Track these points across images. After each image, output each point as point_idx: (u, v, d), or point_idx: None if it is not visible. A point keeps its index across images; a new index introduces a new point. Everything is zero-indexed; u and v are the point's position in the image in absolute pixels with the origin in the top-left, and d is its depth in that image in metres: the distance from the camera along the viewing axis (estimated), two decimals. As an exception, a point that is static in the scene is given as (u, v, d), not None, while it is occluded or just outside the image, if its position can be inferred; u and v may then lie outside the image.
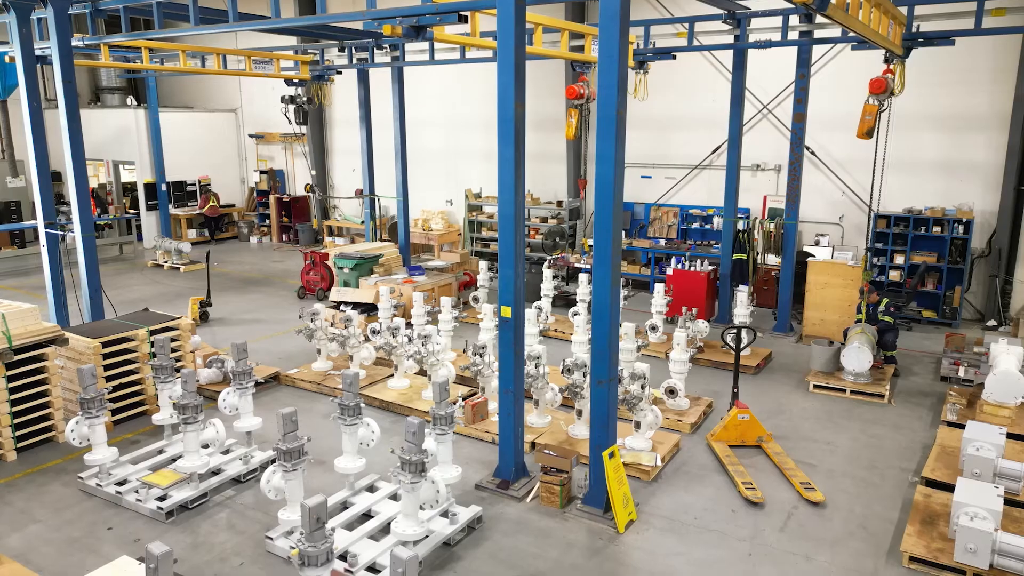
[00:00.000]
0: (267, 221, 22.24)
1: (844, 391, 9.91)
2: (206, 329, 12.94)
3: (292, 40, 16.45)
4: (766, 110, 14.72)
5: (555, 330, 12.55)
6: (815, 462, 8.00)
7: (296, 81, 15.75)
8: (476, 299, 12.79)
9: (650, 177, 16.38)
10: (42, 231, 10.92)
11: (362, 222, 18.88)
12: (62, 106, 10.01)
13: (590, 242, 14.65)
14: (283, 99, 15.86)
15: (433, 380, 7.07)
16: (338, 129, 21.31)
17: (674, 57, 12.77)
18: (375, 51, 15.13)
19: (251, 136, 22.85)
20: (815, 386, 10.10)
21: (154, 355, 8.18)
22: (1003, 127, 12.76)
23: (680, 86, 15.46)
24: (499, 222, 6.80)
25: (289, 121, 15.99)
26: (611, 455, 6.73)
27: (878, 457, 8.17)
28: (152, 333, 9.11)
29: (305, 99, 15.75)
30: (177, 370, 7.61)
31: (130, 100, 21.23)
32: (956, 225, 12.87)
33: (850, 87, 13.11)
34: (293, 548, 4.74)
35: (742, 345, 8.88)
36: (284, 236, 21.76)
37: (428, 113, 18.96)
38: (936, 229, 13.07)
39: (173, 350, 9.32)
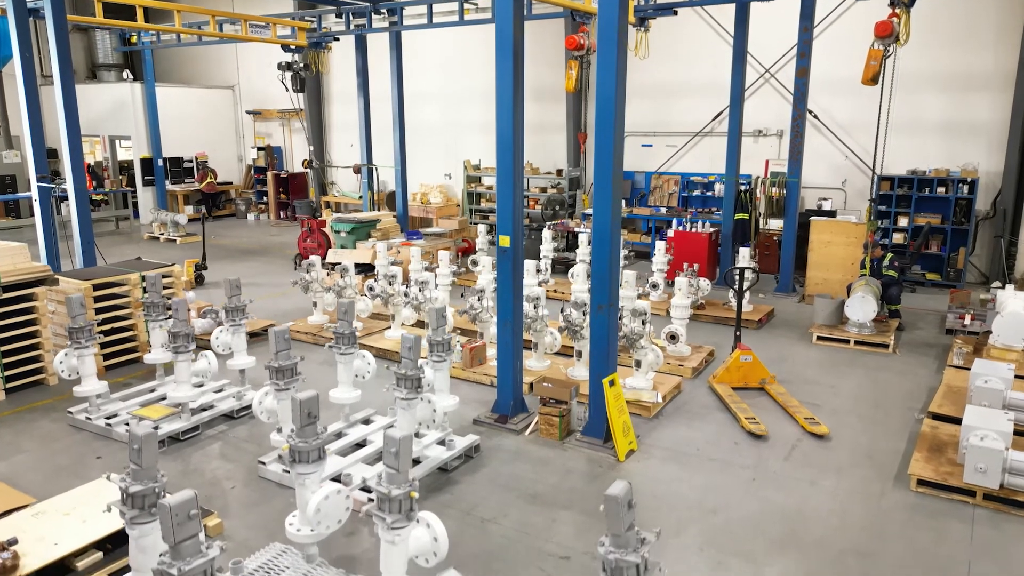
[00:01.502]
0: (264, 198, 22.08)
1: (848, 342, 9.76)
2: (201, 292, 12.78)
3: (289, 6, 16.32)
4: (768, 74, 14.57)
5: (555, 290, 12.39)
6: (819, 402, 7.84)
7: (293, 48, 15.60)
8: (475, 262, 12.63)
9: (651, 146, 16.23)
10: (34, 185, 10.80)
11: (360, 197, 18.72)
12: (53, 51, 9.86)
13: (589, 211, 14.52)
14: (280, 66, 15.70)
15: (429, 307, 6.90)
16: (336, 104, 21.15)
17: (675, 13, 12.61)
18: (373, 16, 14.99)
19: (248, 113, 22.69)
20: (819, 338, 9.95)
21: (144, 292, 8.02)
22: (1008, 86, 12.61)
23: (682, 52, 15.30)
24: (497, 144, 6.64)
25: (286, 88, 15.82)
26: (611, 383, 6.58)
27: (883, 398, 8.02)
28: (145, 291, 8.95)
29: (302, 66, 15.59)
30: (168, 307, 7.44)
31: (126, 74, 21.05)
32: (960, 185, 12.71)
33: (852, 50, 12.91)
34: (284, 445, 4.58)
35: (745, 286, 8.72)
36: (282, 213, 21.59)
37: (426, 86, 18.79)
38: (940, 190, 12.91)
39: (165, 287, 9.12)
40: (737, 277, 8.71)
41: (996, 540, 5.30)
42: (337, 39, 15.92)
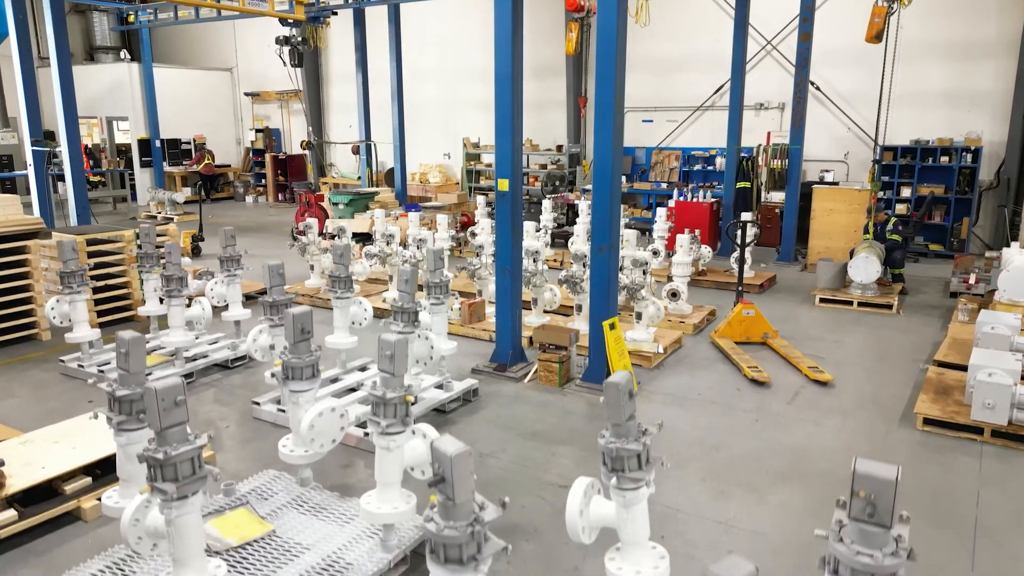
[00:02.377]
0: (263, 181, 21.96)
1: (851, 303, 9.65)
2: (198, 262, 12.66)
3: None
4: (770, 46, 14.45)
5: (554, 260, 12.28)
6: (823, 355, 7.73)
7: (291, 22, 15.46)
8: (474, 234, 12.50)
9: (651, 121, 16.11)
10: (28, 149, 10.70)
11: (359, 178, 18.63)
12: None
13: (589, 186, 14.39)
14: (278, 40, 15.58)
15: (428, 248, 6.79)
16: (334, 85, 21.03)
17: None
18: (371, -11, 14.88)
19: (247, 95, 22.57)
20: (821, 300, 9.84)
21: (139, 247, 7.90)
22: (1011, 54, 12.50)
23: (682, 25, 15.20)
24: (496, 82, 6.51)
25: (284, 63, 15.70)
26: (612, 327, 6.47)
27: (887, 352, 7.91)
28: (139, 244, 8.84)
29: (300, 40, 15.47)
30: (161, 258, 7.32)
31: (123, 54, 20.93)
32: (964, 154, 12.60)
33: (854, 20, 12.78)
34: (277, 360, 4.47)
35: (747, 240, 8.62)
36: (280, 195, 21.47)
37: (425, 64, 18.68)
38: (944, 159, 12.80)
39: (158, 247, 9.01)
40: (739, 231, 8.59)
41: (1005, 472, 5.20)
42: (335, 13, 15.80)
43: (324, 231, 13.55)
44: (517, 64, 6.47)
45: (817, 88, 13.82)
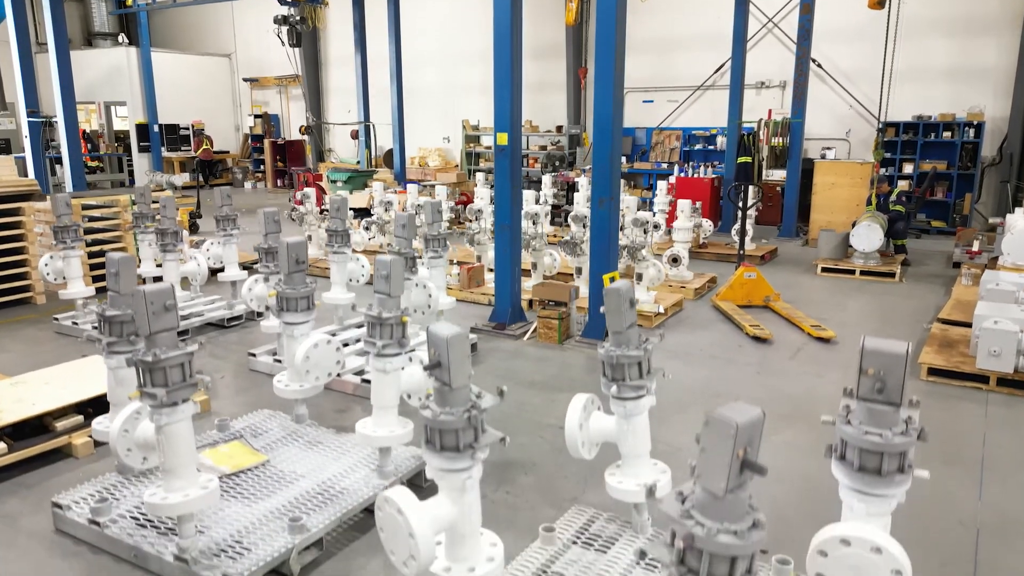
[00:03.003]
0: (262, 167, 21.88)
1: (853, 272, 9.57)
2: (195, 239, 12.58)
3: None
4: (771, 24, 14.35)
5: (553, 236, 12.18)
6: (826, 317, 7.64)
7: (290, 1, 15.38)
8: (474, 211, 12.41)
9: (652, 101, 16.01)
10: (24, 120, 10.62)
11: (357, 163, 18.53)
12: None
13: (588, 166, 14.28)
14: (276, 20, 15.49)
15: (427, 200, 6.72)
16: (333, 69, 20.92)
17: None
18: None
19: (245, 80, 22.47)
20: (823, 269, 9.77)
21: (134, 203, 7.82)
22: (1014, 28, 12.41)
23: (683, 3, 15.11)
24: (494, 30, 6.42)
25: (282, 43, 15.61)
26: (612, 280, 6.38)
27: (890, 315, 7.84)
28: (135, 203, 8.75)
29: (298, 19, 15.38)
30: (155, 218, 7.24)
31: (121, 38, 20.84)
32: (967, 129, 12.52)
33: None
34: (271, 291, 4.39)
35: (748, 203, 8.53)
36: (279, 181, 21.39)
37: (424, 48, 18.56)
38: (946, 135, 12.72)
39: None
40: (740, 195, 8.51)
41: (1011, 416, 5.12)
42: (334, -8, 15.72)
43: (323, 207, 13.46)
44: (516, 15, 6.39)
45: (819, 65, 13.72)
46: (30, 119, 10.46)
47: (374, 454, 4.00)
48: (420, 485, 3.99)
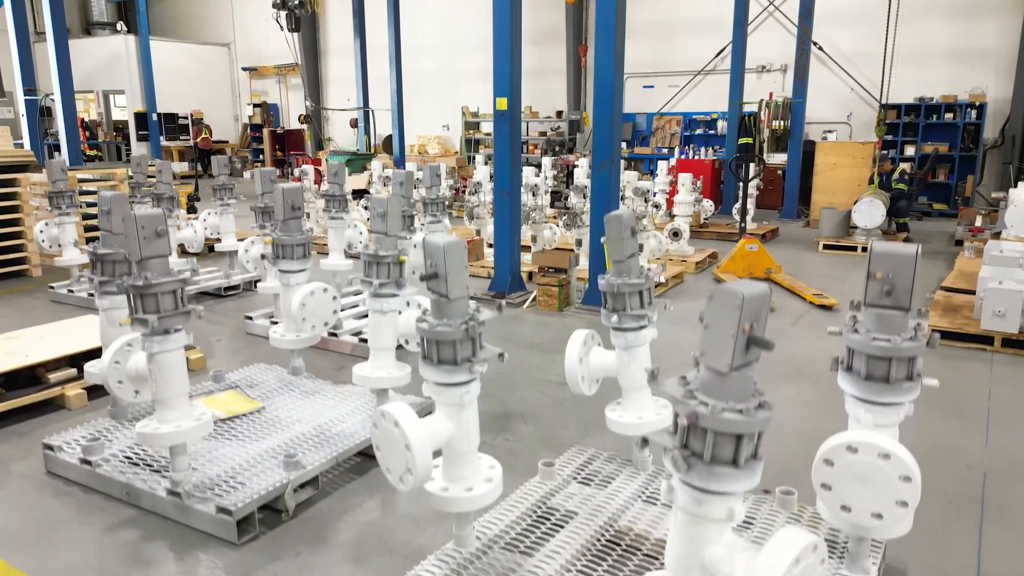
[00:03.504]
0: (261, 156, 21.81)
1: (855, 249, 9.51)
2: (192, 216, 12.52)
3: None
4: (772, 6, 14.29)
5: (553, 218, 12.12)
6: (828, 289, 7.58)
7: (289, -15, 15.31)
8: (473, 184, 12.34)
9: (652, 87, 15.96)
10: (21, 97, 10.56)
11: (357, 150, 18.47)
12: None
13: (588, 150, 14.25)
14: (275, 4, 15.42)
15: (427, 164, 6.65)
16: (332, 59, 20.85)
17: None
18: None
19: (244, 69, 22.41)
20: (825, 246, 9.72)
21: (131, 177, 7.76)
22: (1016, 10, 12.35)
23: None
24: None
25: (281, 28, 15.55)
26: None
27: (893, 286, 7.77)
28: (131, 177, 8.70)
29: (297, 2, 15.31)
30: (151, 186, 7.18)
31: (120, 26, 20.77)
32: (969, 110, 12.46)
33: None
34: (267, 238, 4.33)
35: (750, 176, 8.48)
36: (279, 170, 21.24)
37: (424, 37, 18.48)
38: (948, 116, 12.65)
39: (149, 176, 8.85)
40: (742, 165, 8.45)
41: (1017, 374, 5.07)
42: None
43: (321, 181, 13.40)
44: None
45: (820, 48, 13.66)
46: (27, 97, 10.39)
47: (372, 401, 3.94)
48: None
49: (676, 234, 8.65)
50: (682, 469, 1.72)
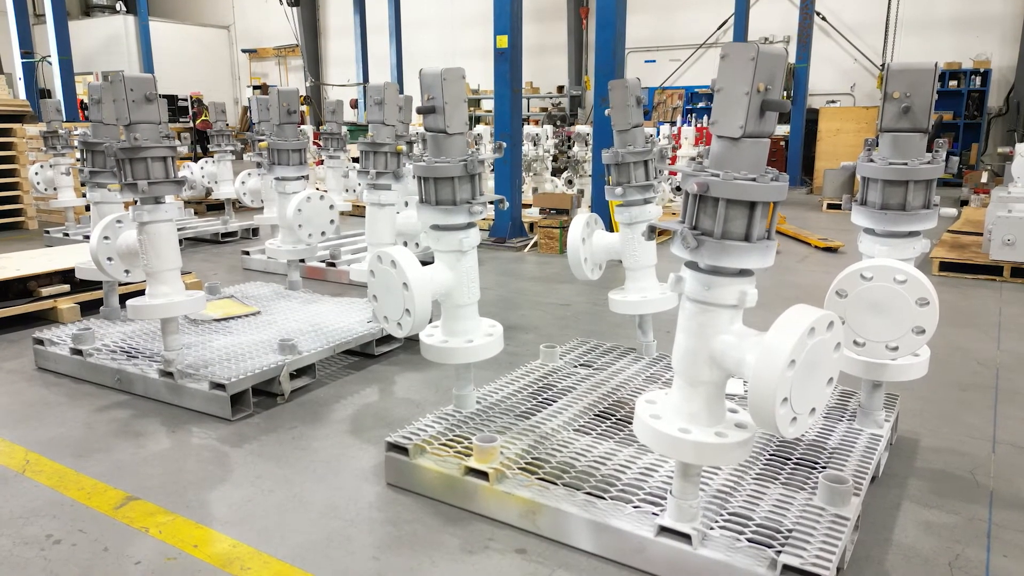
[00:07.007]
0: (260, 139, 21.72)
1: (859, 207, 9.41)
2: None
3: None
4: (774, -23, 14.19)
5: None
6: (833, 239, 7.50)
7: (288, -41, 15.25)
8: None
9: (654, 61, 15.85)
10: (18, 61, 10.49)
11: (358, 123, 18.36)
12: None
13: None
14: (275, -22, 15.36)
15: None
16: (332, 39, 20.74)
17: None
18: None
19: (244, 51, 22.31)
20: (829, 206, 9.61)
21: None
22: (1022, -25, 12.25)
23: (685, -41, 14.97)
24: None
25: (280, 2, 15.49)
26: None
27: (899, 236, 7.68)
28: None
29: (297, -24, 15.25)
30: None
31: (119, 6, 20.68)
32: (973, 77, 12.35)
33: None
34: (261, 141, 4.25)
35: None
36: (278, 151, 21.20)
37: (424, 14, 18.39)
38: (952, 83, 12.53)
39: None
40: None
41: (1027, 299, 4.98)
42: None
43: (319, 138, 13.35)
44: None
45: (823, 18, 13.55)
46: (23, 60, 10.32)
47: (369, 307, 3.86)
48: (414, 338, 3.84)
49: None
50: (691, 245, 1.64)
